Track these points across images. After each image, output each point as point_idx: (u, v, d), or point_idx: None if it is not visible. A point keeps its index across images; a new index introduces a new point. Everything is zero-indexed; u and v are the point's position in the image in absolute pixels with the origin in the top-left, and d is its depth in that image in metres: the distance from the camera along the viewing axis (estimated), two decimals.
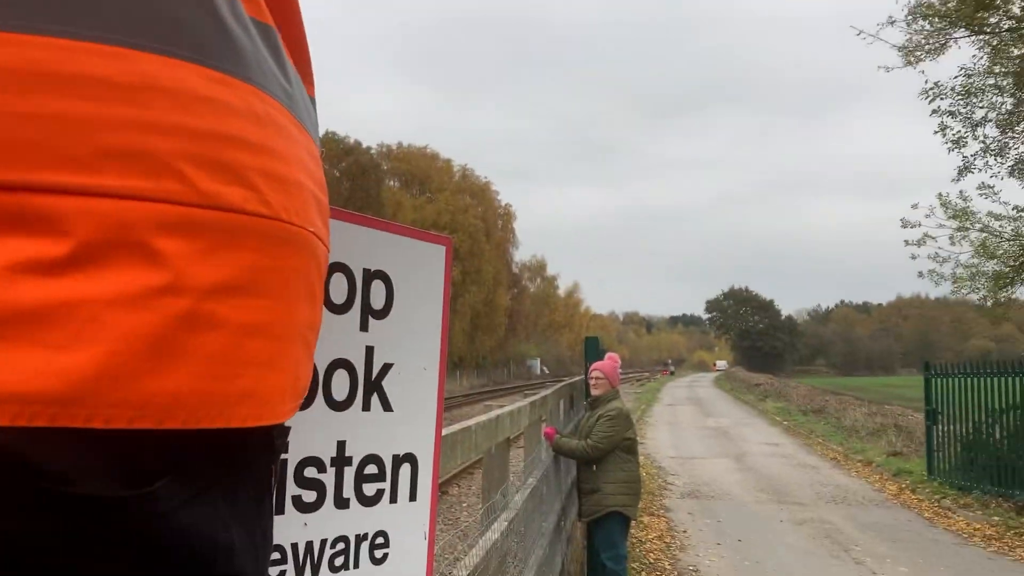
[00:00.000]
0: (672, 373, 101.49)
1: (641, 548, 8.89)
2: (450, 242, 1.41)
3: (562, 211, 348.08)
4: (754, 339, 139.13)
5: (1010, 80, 10.41)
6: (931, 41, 11.99)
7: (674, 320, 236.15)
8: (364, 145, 49.74)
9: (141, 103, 0.50)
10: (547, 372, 74.94)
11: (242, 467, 0.61)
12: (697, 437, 21.57)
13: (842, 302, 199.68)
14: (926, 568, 8.25)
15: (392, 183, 60.54)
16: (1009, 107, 10.76)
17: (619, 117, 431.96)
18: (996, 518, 10.47)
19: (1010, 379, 11.41)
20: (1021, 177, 11.30)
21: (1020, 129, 10.86)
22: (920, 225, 13.42)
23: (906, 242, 13.58)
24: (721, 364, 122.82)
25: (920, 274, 13.75)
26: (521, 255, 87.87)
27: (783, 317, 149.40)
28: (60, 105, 0.47)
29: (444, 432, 2.53)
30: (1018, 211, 12.26)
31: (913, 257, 13.69)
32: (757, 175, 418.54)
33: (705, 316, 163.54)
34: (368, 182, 44.87)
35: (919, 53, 12.14)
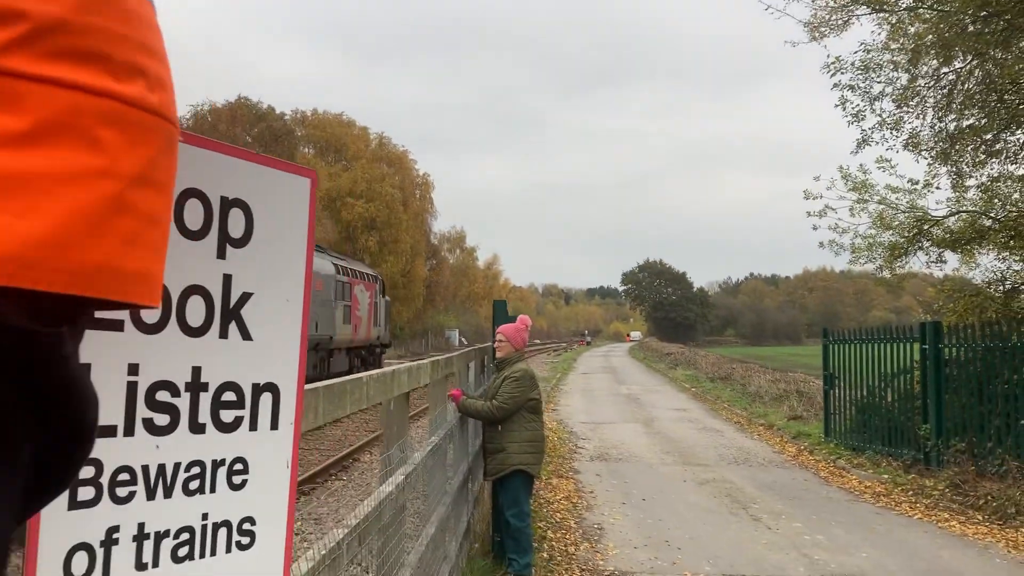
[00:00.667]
0: (589, 343, 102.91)
1: (548, 508, 9.05)
2: (315, 175, 1.41)
3: (482, 183, 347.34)
4: (667, 310, 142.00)
5: (905, 56, 10.84)
6: (835, 17, 12.34)
7: (592, 292, 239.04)
8: (278, 111, 48.61)
9: (101, 13, 0.58)
10: (466, 343, 75.00)
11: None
12: (609, 403, 21.98)
13: (752, 275, 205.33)
14: (819, 523, 8.63)
15: (307, 150, 59.25)
16: (904, 82, 11.20)
17: (537, 89, 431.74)
18: (886, 476, 11.02)
19: (900, 345, 11.97)
20: (914, 150, 11.79)
21: (914, 104, 11.34)
22: (822, 197, 13.88)
23: (808, 213, 14.03)
24: (635, 335, 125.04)
25: (821, 244, 14.25)
26: (440, 226, 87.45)
27: (695, 289, 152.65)
28: (33, 6, 0.54)
29: (334, 382, 2.53)
30: (912, 184, 12.79)
31: (815, 228, 14.15)
32: (672, 150, 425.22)
33: (621, 288, 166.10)
34: (281, 149, 43.84)
35: (824, 29, 12.49)
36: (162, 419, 1.17)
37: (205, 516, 1.22)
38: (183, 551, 1.19)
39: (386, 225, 57.25)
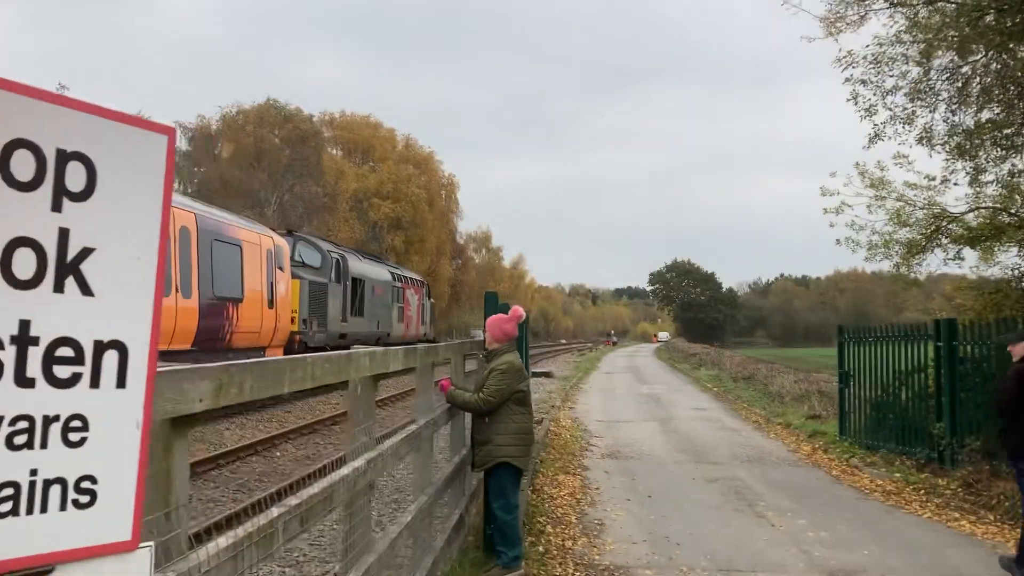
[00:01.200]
0: (615, 344, 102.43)
1: (551, 504, 9.01)
2: (173, 132, 1.40)
3: (509, 183, 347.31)
4: (696, 311, 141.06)
5: (918, 49, 10.65)
6: (852, 11, 12.17)
7: (619, 292, 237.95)
8: (306, 112, 48.97)
9: None
10: None
11: None
12: (628, 403, 21.86)
13: (782, 275, 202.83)
14: (824, 520, 8.50)
15: (334, 151, 59.68)
16: (916, 76, 11.03)
17: (565, 89, 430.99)
18: (898, 475, 10.85)
19: (916, 343, 11.78)
20: (927, 145, 11.61)
21: (927, 98, 11.14)
22: (838, 194, 13.70)
23: (824, 210, 13.86)
24: (663, 335, 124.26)
25: (837, 241, 14.08)
26: (466, 226, 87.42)
27: (724, 290, 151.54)
28: None
29: (269, 359, 2.52)
30: (929, 180, 12.59)
31: (831, 225, 13.99)
32: (701, 149, 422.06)
33: (649, 288, 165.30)
34: (308, 149, 44.13)
35: (840, 24, 12.31)
36: None
37: (34, 472, 1.21)
38: (5, 507, 1.18)
39: (412, 225, 57.49)
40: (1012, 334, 7.67)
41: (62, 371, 1.24)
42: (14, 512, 1.19)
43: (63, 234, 1.24)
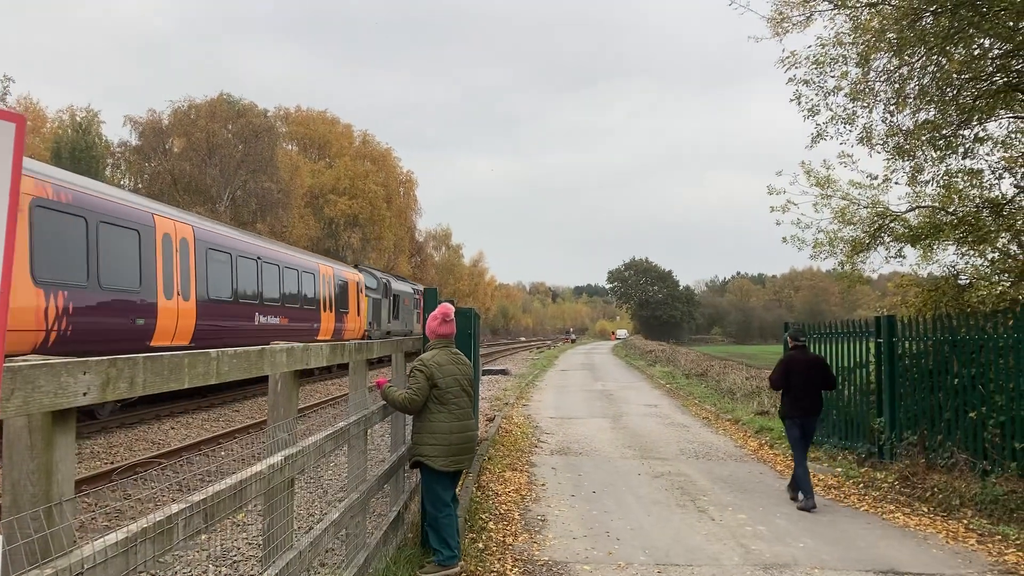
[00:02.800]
0: (573, 341, 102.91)
1: (495, 500, 9.02)
2: (22, 119, 1.37)
3: (468, 182, 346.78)
4: (653, 308, 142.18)
5: (858, 51, 10.83)
6: (797, 13, 12.33)
7: (579, 290, 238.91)
8: (260, 107, 48.39)
9: None
10: None
11: None
12: (581, 399, 21.96)
13: (738, 273, 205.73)
14: (764, 514, 8.63)
15: (290, 147, 59.12)
16: (856, 76, 11.21)
17: (522, 87, 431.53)
18: (839, 469, 11.04)
19: (858, 339, 11.99)
20: (867, 145, 11.81)
21: (867, 99, 11.33)
22: (785, 192, 13.88)
23: (771, 208, 14.03)
24: (621, 333, 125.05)
25: (784, 239, 14.25)
26: (425, 223, 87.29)
27: (681, 287, 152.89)
28: None
29: (165, 353, 2.49)
30: (872, 179, 12.81)
31: (778, 223, 14.16)
32: (658, 148, 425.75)
33: (607, 286, 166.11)
34: (261, 145, 43.57)
35: (786, 25, 12.46)
36: None
37: None
38: None
39: (369, 222, 57.17)
40: (791, 330, 10.14)
41: None
42: None
43: None
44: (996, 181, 12.22)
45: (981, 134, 11.73)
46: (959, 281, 12.16)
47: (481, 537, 7.45)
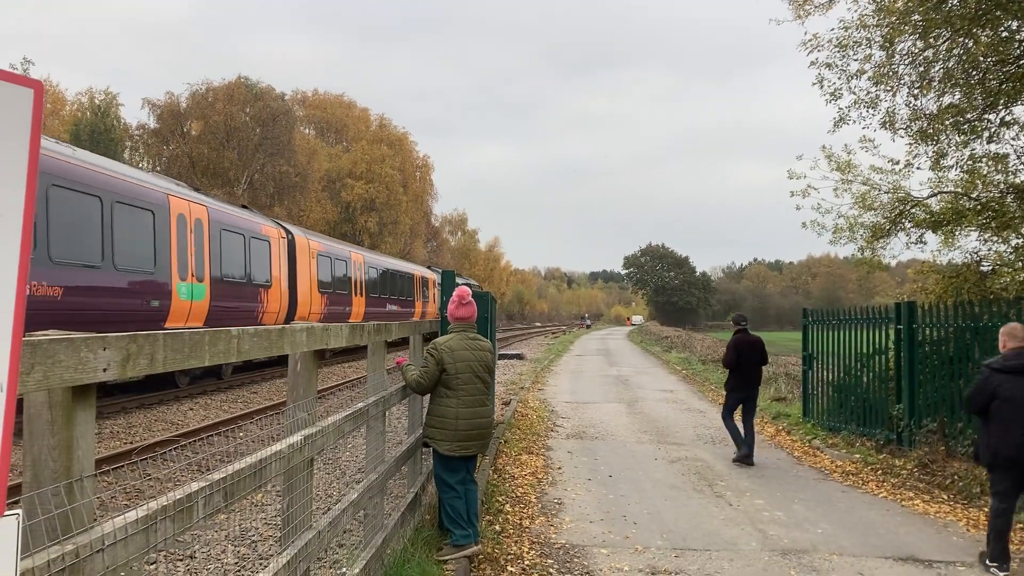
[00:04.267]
0: (588, 327, 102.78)
1: (512, 483, 9.02)
2: (40, 86, 1.34)
3: (484, 167, 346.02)
4: (669, 295, 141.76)
5: (882, 33, 10.67)
6: None
7: (595, 276, 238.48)
8: (278, 91, 48.40)
9: None
10: None
11: None
12: (597, 384, 21.94)
13: (755, 260, 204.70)
14: (782, 500, 8.59)
15: (307, 131, 59.16)
16: (879, 60, 11.04)
17: (537, 73, 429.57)
18: (858, 456, 10.97)
19: (878, 325, 11.88)
20: (890, 129, 11.66)
21: (891, 82, 11.18)
22: (805, 177, 13.75)
23: (791, 193, 13.91)
24: (637, 319, 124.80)
25: (804, 224, 14.13)
26: (441, 208, 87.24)
27: (698, 273, 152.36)
28: None
29: (187, 330, 2.47)
30: (893, 164, 12.66)
31: (798, 208, 14.08)
32: (674, 134, 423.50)
33: (623, 272, 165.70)
34: (279, 128, 43.60)
35: (808, 7, 12.32)
36: None
37: None
38: None
39: (385, 206, 57.17)
40: (734, 315, 11.62)
41: None
42: None
43: None
44: (1022, 166, 12.05)
45: (1007, 118, 11.55)
46: (981, 268, 12.01)
47: (498, 520, 7.45)
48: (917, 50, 10.77)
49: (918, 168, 12.36)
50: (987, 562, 6.36)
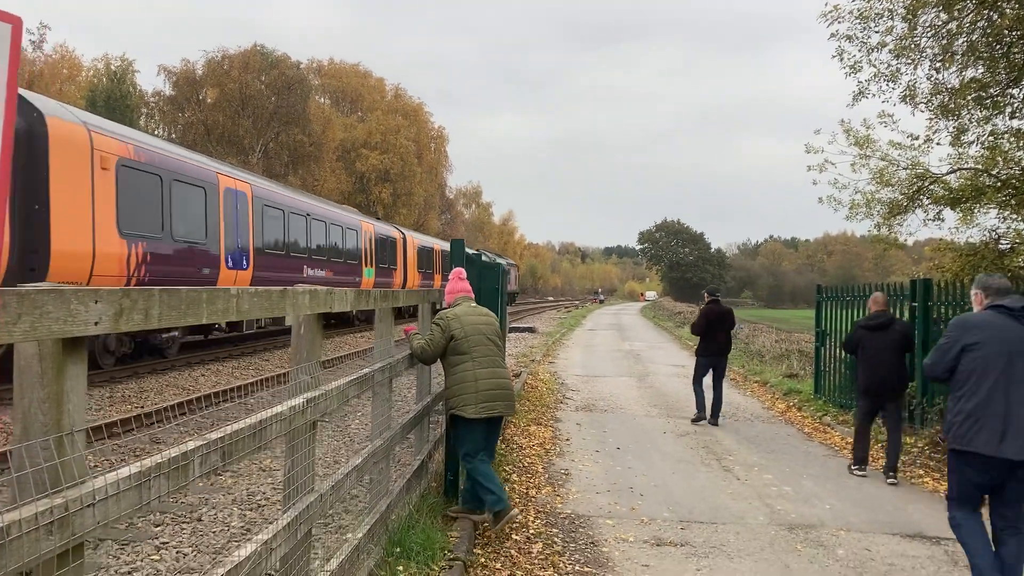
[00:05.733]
0: (602, 302, 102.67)
1: (519, 453, 9.03)
2: (19, 22, 1.29)
3: (499, 139, 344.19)
4: (684, 270, 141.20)
5: (904, 4, 10.45)
6: None
7: (609, 251, 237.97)
8: (294, 59, 48.18)
9: None
10: None
11: None
12: (608, 358, 21.92)
13: (771, 237, 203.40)
14: (790, 476, 8.56)
15: (322, 100, 58.97)
16: (901, 32, 10.82)
17: (553, 45, 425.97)
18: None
19: (892, 302, 11.75)
20: (910, 103, 11.46)
21: (912, 55, 10.97)
22: (822, 151, 13.58)
23: (808, 167, 13.75)
24: (650, 294, 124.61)
25: (820, 200, 13.99)
26: (456, 181, 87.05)
27: (713, 250, 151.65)
28: None
29: (185, 288, 2.44)
30: (912, 139, 12.48)
31: (814, 183, 13.91)
32: (691, 108, 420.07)
33: (638, 247, 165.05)
34: (294, 97, 43.45)
35: None
36: None
37: None
38: None
39: (400, 177, 57.08)
40: (708, 287, 12.65)
41: None
42: None
43: None
44: None
45: None
46: (1000, 246, 11.85)
47: (504, 488, 7.44)
48: (940, 22, 10.56)
49: (938, 144, 12.18)
50: (851, 467, 8.84)
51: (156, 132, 42.20)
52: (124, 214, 12.92)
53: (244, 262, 17.73)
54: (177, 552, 5.80)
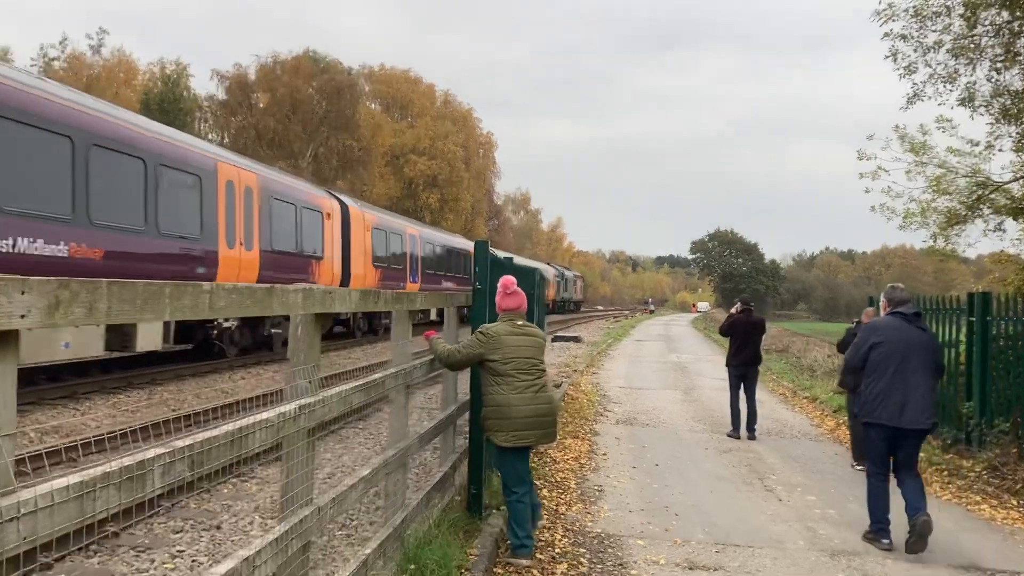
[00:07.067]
0: (652, 312, 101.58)
1: (552, 468, 8.75)
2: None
3: (548, 145, 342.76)
4: (737, 281, 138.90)
5: (963, 1, 9.91)
6: None
7: (660, 260, 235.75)
8: (344, 65, 48.58)
9: None
10: None
11: None
12: (654, 370, 21.50)
13: (827, 248, 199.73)
14: (836, 498, 8.14)
15: (373, 105, 59.37)
16: (959, 30, 10.29)
17: (602, 50, 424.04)
18: (922, 455, 10.32)
19: (948, 317, 11.24)
20: (969, 107, 10.92)
21: (971, 55, 10.43)
22: (876, 158, 13.08)
23: (861, 174, 13.26)
24: (703, 305, 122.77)
25: (872, 208, 13.46)
26: (504, 186, 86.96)
27: (767, 261, 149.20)
28: None
29: (145, 281, 2.23)
30: (972, 145, 11.92)
31: (867, 191, 13.39)
32: (744, 115, 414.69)
33: (690, 257, 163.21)
34: (343, 102, 43.74)
35: None
36: None
37: None
38: None
39: (447, 183, 57.18)
40: (741, 296, 12.79)
41: None
42: None
43: None
44: None
45: None
46: None
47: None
48: (1002, 21, 10.02)
49: (999, 150, 11.59)
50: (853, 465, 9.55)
51: (209, 136, 42.80)
52: (376, 254, 24.24)
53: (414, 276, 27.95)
54: (193, 560, 5.65)
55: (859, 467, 9.00)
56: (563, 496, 7.66)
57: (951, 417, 10.79)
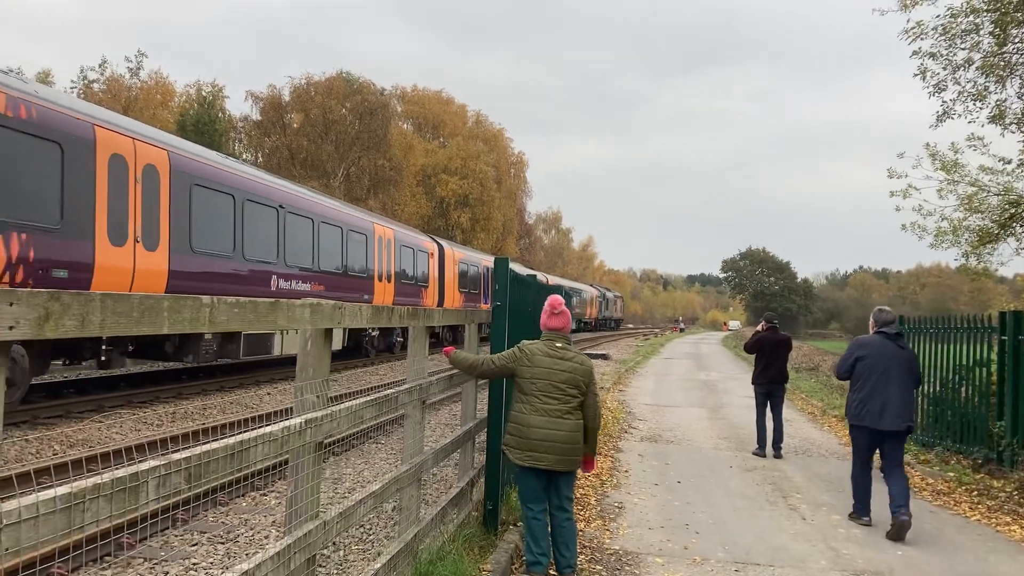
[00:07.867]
0: (683, 330, 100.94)
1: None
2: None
3: (579, 164, 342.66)
4: (768, 300, 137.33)
5: (992, 19, 9.79)
6: None
7: (691, 279, 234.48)
8: (377, 86, 49.07)
9: None
10: None
11: None
12: (681, 388, 21.33)
13: (861, 267, 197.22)
14: None
15: (405, 126, 59.86)
16: (989, 48, 10.14)
17: (634, 70, 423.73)
18: (951, 474, 10.19)
19: (980, 335, 11.05)
20: (1000, 124, 10.74)
21: (1002, 73, 10.27)
22: (906, 176, 12.93)
23: (891, 193, 13.10)
24: (734, 324, 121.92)
25: (903, 227, 13.30)
26: (535, 205, 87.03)
27: (799, 280, 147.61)
28: None
29: (141, 295, 2.26)
30: (1004, 163, 11.74)
31: (897, 209, 13.23)
32: (776, 134, 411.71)
33: (721, 275, 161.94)
34: (376, 122, 44.15)
35: None
36: None
37: None
38: None
39: (479, 202, 57.38)
40: (765, 314, 12.49)
41: None
42: None
43: None
44: None
45: None
46: None
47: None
48: None
49: None
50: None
51: (244, 156, 43.38)
52: (460, 282, 30.31)
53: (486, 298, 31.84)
54: (206, 573, 5.68)
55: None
56: (582, 512, 7.60)
57: (981, 436, 10.59)
